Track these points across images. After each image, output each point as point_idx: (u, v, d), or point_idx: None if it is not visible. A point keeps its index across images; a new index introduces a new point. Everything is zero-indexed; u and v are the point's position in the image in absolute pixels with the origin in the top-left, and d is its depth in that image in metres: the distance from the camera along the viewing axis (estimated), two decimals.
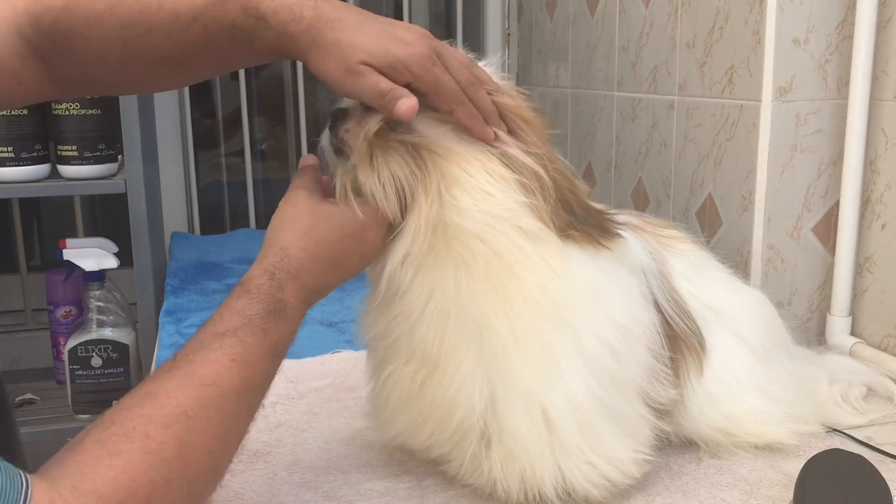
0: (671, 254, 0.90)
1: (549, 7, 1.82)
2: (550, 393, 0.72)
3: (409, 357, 0.76)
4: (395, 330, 0.76)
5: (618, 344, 0.75)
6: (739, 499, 0.81)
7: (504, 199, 0.71)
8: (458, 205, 0.71)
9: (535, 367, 0.72)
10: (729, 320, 0.91)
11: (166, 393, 0.59)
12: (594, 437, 0.74)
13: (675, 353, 0.83)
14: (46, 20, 0.76)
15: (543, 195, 0.71)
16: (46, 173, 1.52)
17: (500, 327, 0.71)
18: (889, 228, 1.11)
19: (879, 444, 0.92)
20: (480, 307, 0.72)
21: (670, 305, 0.84)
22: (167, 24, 0.73)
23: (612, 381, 0.75)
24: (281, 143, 2.26)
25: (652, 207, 1.42)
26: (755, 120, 1.13)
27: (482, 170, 0.71)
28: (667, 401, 0.81)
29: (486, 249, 0.71)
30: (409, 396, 0.76)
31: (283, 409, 1.03)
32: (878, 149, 1.11)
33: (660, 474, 0.85)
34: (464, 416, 0.74)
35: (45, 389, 1.73)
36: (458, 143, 0.72)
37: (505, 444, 0.74)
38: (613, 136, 1.55)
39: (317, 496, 0.82)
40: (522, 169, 0.71)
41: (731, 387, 0.89)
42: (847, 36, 1.11)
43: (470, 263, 0.71)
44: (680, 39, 1.30)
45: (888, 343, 1.12)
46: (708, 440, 0.88)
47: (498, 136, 0.72)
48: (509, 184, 0.71)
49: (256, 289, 0.68)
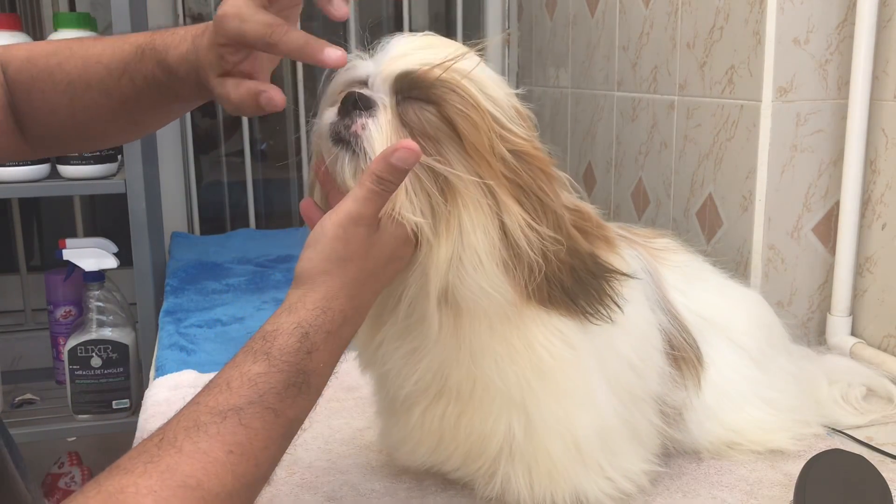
0: (664, 267, 0.89)
1: (549, 7, 1.82)
2: (581, 417, 0.73)
3: (440, 394, 0.74)
4: (424, 372, 0.73)
5: (637, 357, 0.75)
6: (739, 499, 0.81)
7: (490, 272, 0.67)
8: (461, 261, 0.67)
9: (565, 396, 0.73)
10: (725, 330, 0.91)
11: (137, 495, 0.48)
12: (614, 452, 0.76)
13: (674, 369, 0.82)
14: (11, 69, 0.77)
15: (528, 275, 0.68)
16: (46, 173, 1.52)
17: (522, 370, 0.71)
18: (889, 228, 1.11)
19: (879, 444, 0.92)
20: (497, 353, 0.71)
21: (667, 319, 0.84)
22: (102, 78, 0.74)
23: (631, 396, 0.76)
24: (281, 143, 2.26)
25: (652, 207, 1.42)
26: (755, 120, 1.13)
27: (482, 233, 0.67)
28: (679, 404, 0.81)
29: (480, 308, 0.69)
30: (443, 431, 0.76)
31: None
32: (878, 149, 1.11)
33: (660, 474, 0.85)
34: (499, 446, 0.74)
35: (44, 389, 1.73)
36: (475, 195, 0.67)
37: (533, 467, 0.74)
38: (613, 136, 1.55)
39: (317, 496, 0.82)
40: (514, 246, 0.67)
41: (730, 398, 0.88)
42: (847, 36, 1.11)
43: (473, 313, 0.70)
44: (680, 39, 1.30)
45: (888, 343, 1.12)
46: (710, 452, 0.88)
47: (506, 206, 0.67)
48: (497, 258, 0.67)
49: (280, 352, 0.58)
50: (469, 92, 0.67)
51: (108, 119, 0.77)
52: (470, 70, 0.68)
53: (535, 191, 0.68)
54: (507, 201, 0.67)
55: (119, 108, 0.75)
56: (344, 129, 0.68)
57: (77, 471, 1.87)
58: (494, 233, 0.67)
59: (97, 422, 1.59)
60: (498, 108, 0.68)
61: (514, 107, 0.70)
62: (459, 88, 0.67)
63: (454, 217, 0.66)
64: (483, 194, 0.67)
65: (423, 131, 0.67)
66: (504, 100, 0.69)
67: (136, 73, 0.72)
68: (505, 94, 0.70)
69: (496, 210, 0.67)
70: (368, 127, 0.67)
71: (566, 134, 1.76)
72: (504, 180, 0.67)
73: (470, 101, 0.66)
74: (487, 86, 0.68)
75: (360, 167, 0.67)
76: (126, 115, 0.77)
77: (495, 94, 0.69)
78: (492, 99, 0.68)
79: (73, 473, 1.86)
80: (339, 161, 0.68)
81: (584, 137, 1.68)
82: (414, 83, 0.67)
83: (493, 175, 0.66)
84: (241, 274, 1.64)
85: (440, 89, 0.66)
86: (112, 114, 0.76)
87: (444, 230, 0.67)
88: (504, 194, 0.67)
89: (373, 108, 0.68)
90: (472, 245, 0.66)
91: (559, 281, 0.69)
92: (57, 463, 1.89)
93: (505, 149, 0.67)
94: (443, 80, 0.66)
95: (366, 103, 0.67)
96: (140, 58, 0.72)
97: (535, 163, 0.68)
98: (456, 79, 0.67)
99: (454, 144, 0.67)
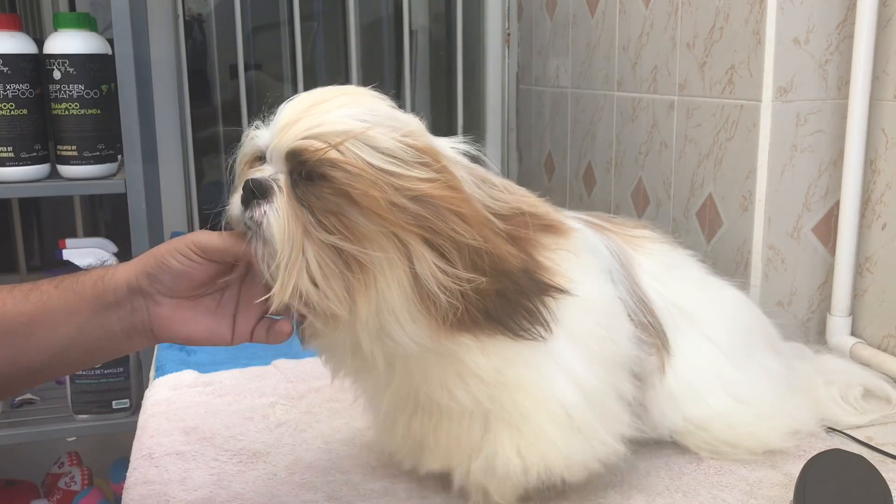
0: (639, 252, 0.90)
1: (549, 7, 1.82)
2: (562, 388, 0.74)
3: (415, 410, 0.78)
4: (393, 395, 0.77)
5: (606, 325, 0.77)
6: (740, 499, 0.81)
7: (405, 323, 0.69)
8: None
9: (543, 376, 0.74)
10: (698, 321, 0.91)
11: None
12: (605, 415, 0.77)
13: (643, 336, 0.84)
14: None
15: (446, 315, 0.68)
16: (46, 173, 1.52)
17: (475, 389, 0.73)
18: (889, 228, 1.11)
19: (879, 444, 0.92)
20: (445, 377, 0.73)
21: (633, 301, 0.84)
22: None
23: (612, 361, 0.78)
24: None
25: (652, 207, 1.42)
26: (755, 120, 1.13)
27: (396, 288, 0.68)
28: (650, 368, 0.83)
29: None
30: (424, 439, 0.79)
31: (282, 409, 1.03)
32: (878, 149, 1.11)
33: (660, 474, 0.85)
34: (476, 443, 0.76)
35: (44, 389, 1.73)
36: (388, 251, 0.67)
37: (525, 435, 0.75)
38: (613, 136, 1.55)
39: (317, 496, 0.82)
40: (429, 292, 0.68)
41: (695, 389, 0.88)
42: (847, 36, 1.11)
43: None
44: (680, 39, 1.30)
45: (888, 343, 1.12)
46: (673, 440, 0.89)
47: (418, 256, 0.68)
48: (413, 308, 0.68)
49: None
50: (351, 161, 0.67)
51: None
52: (352, 133, 0.67)
53: (444, 231, 0.67)
54: (419, 248, 0.67)
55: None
56: (248, 220, 0.70)
57: (77, 471, 1.87)
58: (408, 284, 0.68)
59: (97, 422, 1.59)
60: (391, 160, 0.68)
61: (412, 147, 0.69)
62: (342, 161, 0.67)
63: (370, 278, 0.67)
64: (394, 248, 0.67)
65: (322, 208, 0.67)
66: (397, 147, 0.68)
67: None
68: (397, 141, 0.69)
69: (409, 260, 0.67)
70: (268, 215, 0.69)
71: (566, 134, 1.76)
72: (411, 229, 0.67)
73: (355, 170, 0.66)
74: (377, 140, 0.68)
75: (270, 252, 0.69)
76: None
77: (386, 145, 0.68)
78: (383, 151, 0.68)
79: (73, 473, 1.86)
80: (253, 244, 0.70)
81: (584, 137, 1.68)
82: (301, 163, 0.68)
83: (396, 227, 0.67)
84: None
85: (324, 168, 0.67)
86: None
87: (361, 293, 0.68)
88: (415, 242, 0.67)
89: (269, 195, 0.69)
90: (388, 301, 0.68)
91: (483, 311, 0.69)
92: (57, 463, 1.89)
93: (405, 198, 0.67)
94: (323, 159, 0.67)
95: (261, 192, 0.69)
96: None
97: (440, 202, 0.67)
98: (337, 154, 0.67)
99: (357, 210, 0.67)
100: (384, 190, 0.66)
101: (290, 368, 1.15)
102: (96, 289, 0.72)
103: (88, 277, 0.73)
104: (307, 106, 0.70)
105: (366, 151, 0.67)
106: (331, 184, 0.67)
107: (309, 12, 2.06)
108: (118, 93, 1.46)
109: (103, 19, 1.64)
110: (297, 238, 0.67)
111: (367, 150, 0.67)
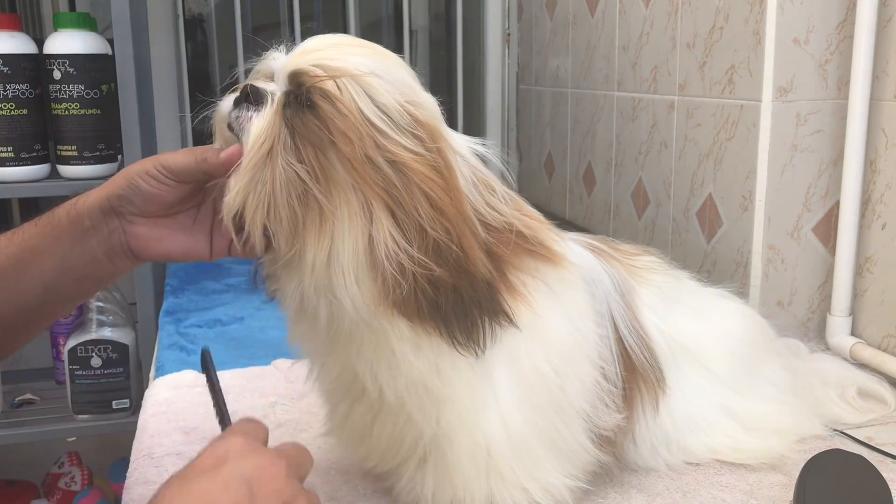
0: (641, 285, 0.87)
1: (549, 7, 1.82)
2: (490, 420, 0.71)
3: (359, 398, 0.75)
4: (339, 374, 0.75)
5: (552, 369, 0.72)
6: (739, 499, 0.81)
7: (349, 280, 0.66)
8: (329, 275, 0.67)
9: (474, 399, 0.71)
10: (700, 356, 0.89)
11: None
12: (530, 462, 0.73)
13: (631, 386, 0.80)
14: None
15: (390, 288, 0.66)
16: (46, 173, 1.52)
17: (409, 385, 0.70)
18: (889, 228, 1.11)
19: (879, 444, 0.92)
20: (381, 366, 0.71)
21: (631, 336, 0.82)
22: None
23: (551, 406, 0.73)
24: None
25: (652, 207, 1.42)
26: (755, 120, 1.13)
27: (350, 242, 0.66)
28: (611, 426, 0.77)
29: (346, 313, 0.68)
30: (362, 432, 0.76)
31: (283, 409, 1.03)
32: (878, 149, 1.11)
33: (660, 474, 0.85)
34: (409, 448, 0.74)
35: (44, 389, 1.73)
36: (352, 203, 0.66)
37: (439, 470, 0.73)
38: (613, 136, 1.55)
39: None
40: (378, 258, 0.66)
41: (697, 424, 0.87)
42: (847, 36, 1.11)
43: (355, 324, 0.69)
44: (680, 39, 1.30)
45: (888, 343, 1.12)
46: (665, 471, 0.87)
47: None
48: (361, 268, 0.66)
49: None
50: (343, 99, 0.65)
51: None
52: (356, 73, 0.66)
53: (408, 206, 0.65)
54: (380, 213, 0.65)
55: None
56: (234, 120, 0.69)
57: (77, 471, 1.87)
58: (362, 244, 0.66)
59: (97, 422, 1.59)
60: (383, 116, 0.66)
61: (411, 116, 0.67)
62: (334, 95, 0.65)
63: (327, 225, 0.66)
64: (359, 206, 0.66)
65: (303, 135, 0.66)
66: (395, 108, 0.67)
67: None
68: (398, 102, 0.67)
69: (370, 222, 0.66)
70: (252, 120, 0.68)
71: (566, 134, 1.76)
72: (378, 192, 0.65)
73: (343, 109, 0.65)
74: (377, 91, 0.67)
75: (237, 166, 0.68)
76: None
77: (385, 100, 0.67)
78: (379, 106, 0.66)
79: (73, 473, 1.86)
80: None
81: (584, 137, 1.68)
82: (299, 85, 0.67)
83: (365, 185, 0.65)
84: (240, 274, 1.64)
85: (316, 95, 0.66)
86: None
87: (313, 235, 0.66)
88: (378, 206, 0.66)
89: (261, 103, 0.68)
90: (339, 255, 0.66)
91: (431, 301, 0.66)
92: (57, 463, 1.89)
93: (383, 159, 0.65)
94: (318, 86, 0.66)
95: (256, 97, 0.68)
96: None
97: (414, 177, 0.65)
98: (333, 86, 0.66)
99: (334, 152, 0.66)
100: (364, 141, 0.65)
101: (290, 369, 1.15)
102: (70, 216, 0.74)
103: (62, 208, 0.75)
104: (330, 43, 0.70)
105: (363, 99, 0.66)
106: (317, 114, 0.66)
107: (309, 12, 2.06)
108: (118, 93, 1.46)
109: (103, 19, 1.64)
110: (267, 151, 0.66)
111: (365, 98, 0.66)
